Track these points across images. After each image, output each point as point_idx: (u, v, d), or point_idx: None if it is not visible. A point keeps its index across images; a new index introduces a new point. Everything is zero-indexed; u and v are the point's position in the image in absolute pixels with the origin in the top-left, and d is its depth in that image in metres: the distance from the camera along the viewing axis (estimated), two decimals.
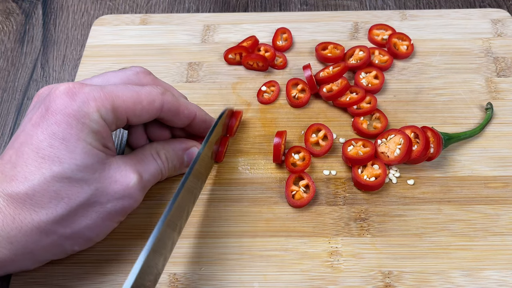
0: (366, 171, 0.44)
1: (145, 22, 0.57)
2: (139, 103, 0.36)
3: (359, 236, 0.41)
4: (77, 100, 0.33)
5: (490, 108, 0.48)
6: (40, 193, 0.32)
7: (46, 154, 0.32)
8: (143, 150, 0.40)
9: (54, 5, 0.63)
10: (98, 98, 0.34)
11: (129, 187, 0.35)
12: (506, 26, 0.55)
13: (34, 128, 0.33)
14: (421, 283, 0.39)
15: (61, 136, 0.32)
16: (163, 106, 0.38)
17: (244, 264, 0.40)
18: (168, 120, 0.40)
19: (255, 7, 0.62)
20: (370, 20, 0.57)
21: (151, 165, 0.39)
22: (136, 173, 0.36)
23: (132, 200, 0.36)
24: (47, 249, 0.34)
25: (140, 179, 0.36)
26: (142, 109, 0.36)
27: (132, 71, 0.39)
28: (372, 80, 0.50)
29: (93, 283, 0.39)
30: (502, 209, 0.43)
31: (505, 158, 0.46)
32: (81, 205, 0.33)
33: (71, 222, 0.33)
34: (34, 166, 0.32)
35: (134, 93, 0.36)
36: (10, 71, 0.56)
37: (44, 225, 0.32)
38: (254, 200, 0.44)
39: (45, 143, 0.32)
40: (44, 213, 0.32)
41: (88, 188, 0.33)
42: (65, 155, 0.32)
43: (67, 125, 0.33)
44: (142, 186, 0.37)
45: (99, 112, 0.34)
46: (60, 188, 0.32)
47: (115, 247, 0.41)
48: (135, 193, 0.36)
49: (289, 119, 0.49)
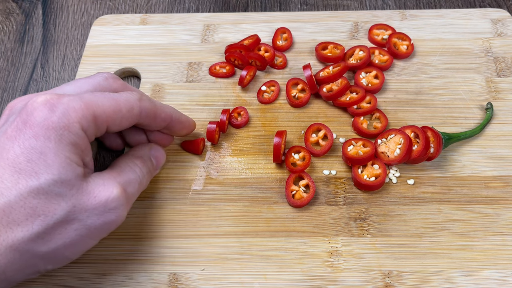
0: (366, 171, 0.44)
1: (145, 22, 0.57)
2: (119, 111, 0.35)
3: (359, 236, 0.41)
4: (56, 111, 0.32)
5: (490, 108, 0.48)
6: (17, 209, 0.30)
7: (23, 168, 0.31)
8: (119, 162, 0.38)
9: (54, 5, 0.63)
10: (79, 108, 0.32)
11: (110, 201, 0.34)
12: (506, 26, 0.55)
13: (9, 141, 0.31)
14: (421, 283, 0.39)
15: (39, 150, 0.31)
16: (141, 112, 0.37)
17: (244, 264, 0.40)
18: (146, 125, 0.39)
19: (255, 7, 0.62)
20: (370, 20, 0.57)
21: (131, 176, 0.37)
22: (118, 186, 0.34)
23: (114, 215, 0.34)
24: (19, 269, 0.32)
25: (122, 191, 0.35)
26: (122, 118, 0.35)
27: (101, 76, 0.38)
28: (372, 80, 0.50)
29: (92, 283, 0.39)
30: (502, 209, 0.43)
31: (505, 158, 0.46)
32: (59, 223, 0.32)
33: (47, 240, 0.32)
34: (10, 181, 0.30)
35: (113, 101, 0.35)
36: (10, 71, 0.56)
37: (19, 243, 0.30)
38: (254, 200, 0.44)
39: (22, 158, 0.31)
40: (20, 231, 0.30)
41: (65, 204, 0.32)
42: (42, 170, 0.31)
43: (45, 139, 0.31)
44: (126, 198, 0.35)
45: (80, 124, 0.32)
46: (37, 205, 0.31)
47: (114, 247, 0.41)
48: (117, 207, 0.34)
49: (289, 119, 0.49)
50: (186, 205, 0.43)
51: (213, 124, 0.46)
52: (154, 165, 0.41)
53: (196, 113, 0.49)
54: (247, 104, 0.50)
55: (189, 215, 0.43)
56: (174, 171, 0.46)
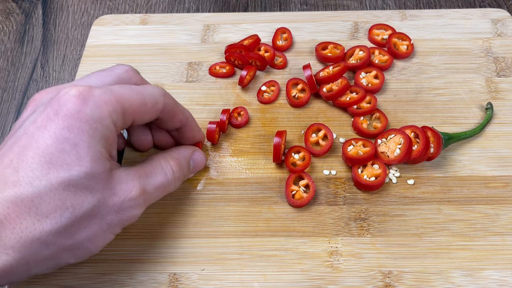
0: (366, 171, 0.44)
1: (145, 22, 0.57)
2: (144, 105, 0.35)
3: (359, 236, 0.41)
4: (89, 104, 0.32)
5: (490, 108, 0.48)
6: (46, 201, 0.30)
7: (54, 159, 0.30)
8: (152, 161, 0.38)
9: (54, 5, 0.63)
10: (109, 101, 0.32)
11: (127, 200, 0.34)
12: (506, 26, 0.55)
13: (39, 131, 0.31)
14: (421, 283, 0.39)
15: (73, 141, 0.31)
16: (164, 108, 0.37)
17: (244, 264, 0.40)
18: (163, 121, 0.39)
19: (255, 7, 0.62)
20: (370, 20, 0.57)
21: (158, 177, 0.37)
22: (137, 186, 0.34)
23: (129, 214, 0.34)
24: (43, 261, 0.32)
25: (141, 192, 0.34)
26: (146, 111, 0.35)
27: (121, 69, 0.38)
28: (372, 80, 0.50)
29: (93, 283, 0.40)
30: (502, 209, 0.43)
31: (505, 158, 0.46)
32: (84, 216, 0.32)
33: (73, 233, 0.32)
34: (40, 171, 0.30)
35: (139, 95, 0.35)
36: (10, 71, 0.56)
37: (46, 235, 0.30)
38: (254, 200, 0.44)
39: (53, 148, 0.30)
40: (48, 223, 0.30)
41: (91, 198, 0.32)
42: (75, 162, 0.31)
43: (79, 131, 0.31)
44: (144, 199, 0.35)
45: (111, 117, 0.32)
46: (66, 197, 0.30)
47: (114, 247, 0.41)
48: (132, 206, 0.34)
49: (289, 119, 0.49)
50: (186, 205, 0.43)
51: (213, 124, 0.46)
52: (190, 169, 0.41)
53: (196, 113, 0.49)
54: (247, 104, 0.50)
55: (189, 215, 0.43)
56: None
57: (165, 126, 0.40)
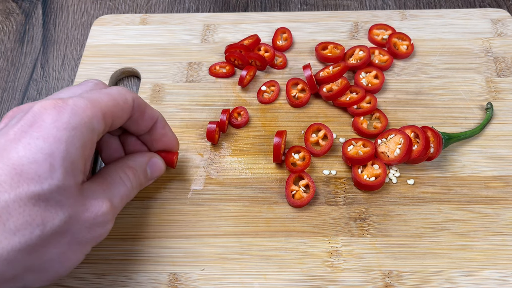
0: (366, 171, 0.44)
1: (145, 22, 0.57)
2: (117, 104, 0.34)
3: (359, 236, 0.41)
4: (66, 112, 0.30)
5: (490, 108, 0.48)
6: (15, 216, 0.28)
7: (25, 170, 0.28)
8: (109, 171, 0.36)
9: (54, 5, 0.63)
10: (86, 107, 0.31)
11: (99, 216, 0.32)
12: (506, 26, 0.55)
13: (12, 143, 0.29)
14: (421, 283, 0.39)
15: (47, 151, 0.29)
16: (134, 102, 0.36)
17: (244, 264, 0.40)
18: (134, 121, 0.37)
19: (255, 7, 0.62)
20: (370, 20, 0.57)
21: (120, 189, 0.36)
22: (107, 201, 0.33)
23: (102, 230, 0.33)
24: (3, 283, 0.29)
25: (110, 206, 0.33)
26: (121, 110, 0.34)
27: (91, 82, 0.37)
28: (372, 80, 0.50)
29: (92, 283, 0.39)
30: (502, 209, 0.43)
31: (505, 158, 0.46)
32: (55, 233, 0.30)
33: (42, 253, 0.30)
34: (9, 184, 0.28)
35: (109, 95, 0.34)
36: (10, 71, 0.56)
37: (13, 254, 0.28)
38: (254, 200, 0.44)
39: (25, 159, 0.28)
40: (16, 241, 0.28)
41: (62, 214, 0.30)
42: (46, 173, 0.29)
43: (55, 140, 0.29)
44: (113, 213, 0.34)
45: (91, 122, 0.31)
46: (36, 212, 0.28)
47: (114, 247, 0.41)
48: (105, 221, 0.33)
49: (289, 119, 0.49)
50: (186, 205, 0.43)
51: (213, 124, 0.46)
52: (148, 177, 0.40)
53: (196, 113, 0.49)
54: (247, 104, 0.50)
55: (189, 215, 0.43)
56: (174, 171, 0.46)
57: (137, 128, 0.38)
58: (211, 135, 0.46)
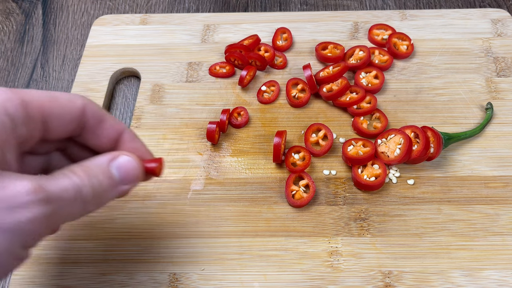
0: (366, 171, 0.44)
1: (145, 22, 0.57)
2: (55, 100, 0.31)
3: (359, 236, 0.41)
4: None
5: (490, 108, 0.48)
6: None
7: None
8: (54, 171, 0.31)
9: (54, 5, 0.63)
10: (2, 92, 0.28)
11: (20, 195, 0.27)
12: (506, 26, 0.55)
13: None
14: (421, 283, 0.39)
15: None
16: (86, 108, 0.32)
17: (244, 264, 0.40)
18: (92, 131, 0.33)
19: (255, 7, 0.62)
20: (370, 20, 0.57)
21: (60, 180, 0.29)
22: (34, 182, 0.28)
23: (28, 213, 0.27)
24: None
25: (38, 188, 0.28)
26: (60, 107, 0.31)
27: None
28: (372, 80, 0.50)
29: (92, 283, 0.39)
30: (502, 209, 0.43)
31: (505, 158, 0.46)
32: None
33: None
34: None
35: (46, 92, 0.31)
36: (10, 71, 0.56)
37: None
38: (254, 200, 0.44)
39: None
40: None
41: None
42: None
43: None
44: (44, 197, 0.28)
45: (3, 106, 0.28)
46: None
47: (114, 247, 0.41)
48: (29, 203, 0.27)
49: (289, 119, 0.49)
50: (186, 205, 0.43)
51: (213, 124, 0.46)
52: (115, 179, 0.32)
53: (196, 113, 0.49)
54: (247, 104, 0.50)
55: (189, 215, 0.43)
56: (174, 171, 0.46)
57: (98, 140, 0.34)
58: (211, 135, 0.46)
